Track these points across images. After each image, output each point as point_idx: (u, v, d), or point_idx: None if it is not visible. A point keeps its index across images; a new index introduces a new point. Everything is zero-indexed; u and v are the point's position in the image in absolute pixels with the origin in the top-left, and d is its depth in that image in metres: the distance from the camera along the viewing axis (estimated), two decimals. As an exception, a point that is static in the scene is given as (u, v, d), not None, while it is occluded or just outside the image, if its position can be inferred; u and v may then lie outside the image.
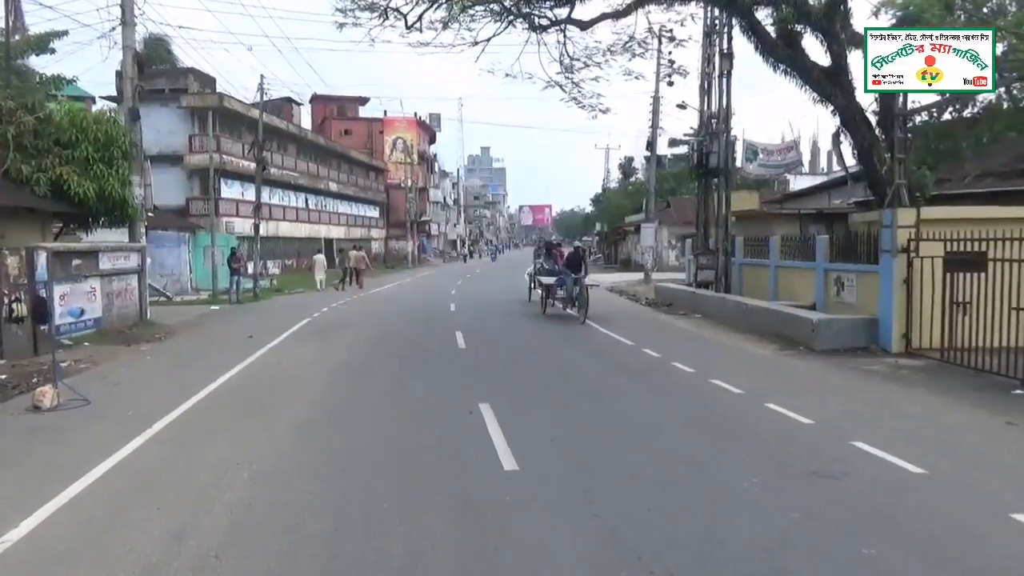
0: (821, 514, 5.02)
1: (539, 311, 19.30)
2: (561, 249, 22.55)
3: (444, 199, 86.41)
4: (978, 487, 5.58)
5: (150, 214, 29.83)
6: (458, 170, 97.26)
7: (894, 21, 15.28)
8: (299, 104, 51.33)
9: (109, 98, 35.12)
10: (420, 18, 15.89)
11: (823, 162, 59.67)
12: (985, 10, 20.48)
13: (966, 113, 25.07)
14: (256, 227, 29.47)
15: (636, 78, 19.87)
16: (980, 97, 24.71)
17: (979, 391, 9.15)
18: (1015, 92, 23.66)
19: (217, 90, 38.55)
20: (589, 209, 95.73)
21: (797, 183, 41.66)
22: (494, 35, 16.64)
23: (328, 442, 6.99)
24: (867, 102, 14.26)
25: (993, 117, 24.03)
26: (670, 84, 26.23)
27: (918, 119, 21.86)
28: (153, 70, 38.31)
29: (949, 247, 11.28)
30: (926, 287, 11.76)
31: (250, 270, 28.58)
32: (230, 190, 38.41)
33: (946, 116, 24.82)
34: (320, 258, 33.68)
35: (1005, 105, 24.14)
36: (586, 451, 6.60)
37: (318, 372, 10.92)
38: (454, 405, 8.48)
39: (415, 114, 69.61)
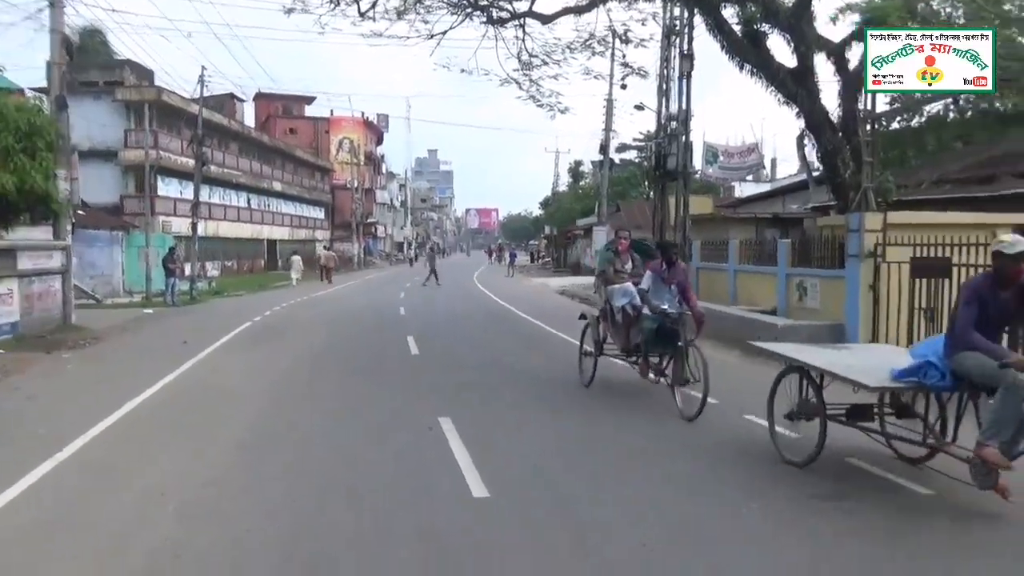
0: (835, 545, 4.48)
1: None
2: (670, 257, 8.80)
3: (391, 201, 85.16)
4: (994, 507, 5.11)
5: (81, 212, 28.33)
6: (405, 171, 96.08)
7: (855, 27, 15.10)
8: (242, 101, 49.70)
9: (39, 90, 33.24)
10: (374, 5, 15.08)
11: (768, 170, 60.60)
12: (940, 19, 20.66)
13: (914, 123, 25.55)
14: (194, 226, 28.11)
15: (595, 77, 19.47)
16: (928, 107, 25.26)
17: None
18: (961, 103, 24.11)
19: (155, 84, 36.87)
20: (537, 212, 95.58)
21: (743, 189, 42.05)
22: (451, 28, 15.96)
23: (269, 466, 6.16)
24: (831, 106, 14.07)
25: (940, 127, 24.46)
26: (623, 87, 25.99)
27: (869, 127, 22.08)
28: (87, 61, 36.49)
29: (916, 252, 11.10)
30: (892, 293, 11.54)
31: (188, 271, 27.26)
32: (168, 188, 36.74)
33: (894, 125, 25.23)
34: (297, 259, 37.01)
35: (951, 116, 24.59)
36: (563, 472, 5.95)
37: (259, 382, 10.02)
38: (411, 420, 7.74)
39: (362, 114, 68.33)
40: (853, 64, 13.43)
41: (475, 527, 4.75)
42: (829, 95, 14.18)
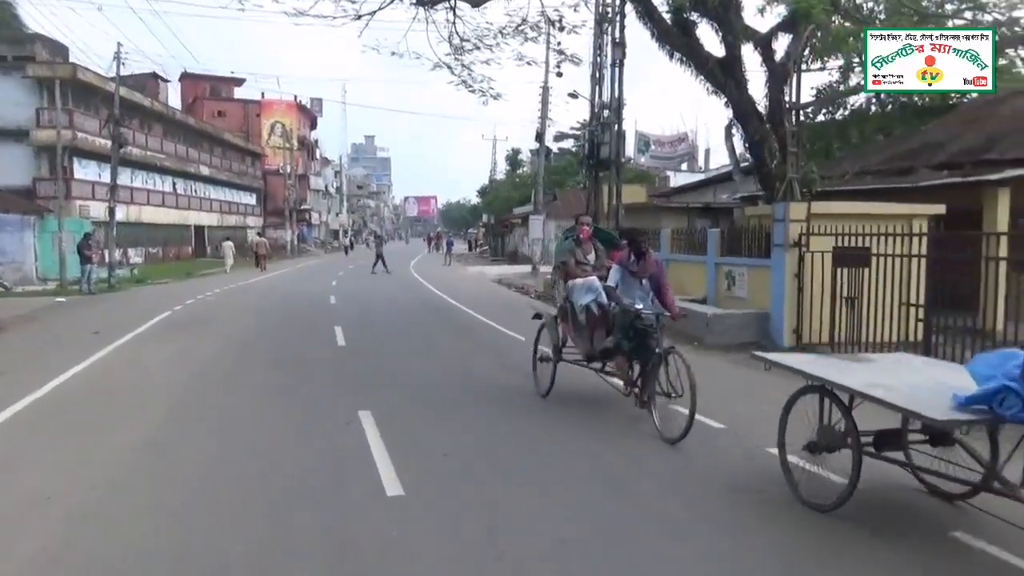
0: (753, 540, 4.43)
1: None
2: (639, 247, 7.49)
3: (326, 187, 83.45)
4: (906, 501, 5.17)
5: (-13, 194, 26.76)
6: (340, 157, 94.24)
7: (781, 18, 15.33)
8: (166, 81, 47.78)
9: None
10: (296, -19, 14.54)
11: (701, 160, 61.75)
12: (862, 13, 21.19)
13: (838, 116, 26.30)
14: (111, 210, 26.81)
15: (528, 64, 19.28)
16: (852, 100, 26.01)
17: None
18: (882, 97, 24.90)
19: (70, 60, 35.02)
20: (475, 200, 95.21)
21: (677, 179, 42.65)
22: (379, 8, 15.50)
23: (173, 467, 5.80)
24: (758, 96, 14.24)
25: (863, 120, 25.22)
26: (559, 75, 25.92)
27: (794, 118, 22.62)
28: (-7, 34, 34.48)
29: (837, 242, 11.34)
30: (816, 282, 11.77)
31: (107, 258, 26.09)
32: (86, 171, 35.04)
33: (820, 118, 25.91)
34: (229, 244, 36.62)
35: (873, 109, 25.40)
36: (484, 467, 5.78)
37: (173, 376, 9.54)
38: (329, 413, 7.45)
39: (295, 98, 66.57)
40: (779, 55, 13.61)
41: (386, 527, 4.53)
42: (757, 85, 14.39)
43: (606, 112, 19.13)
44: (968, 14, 21.62)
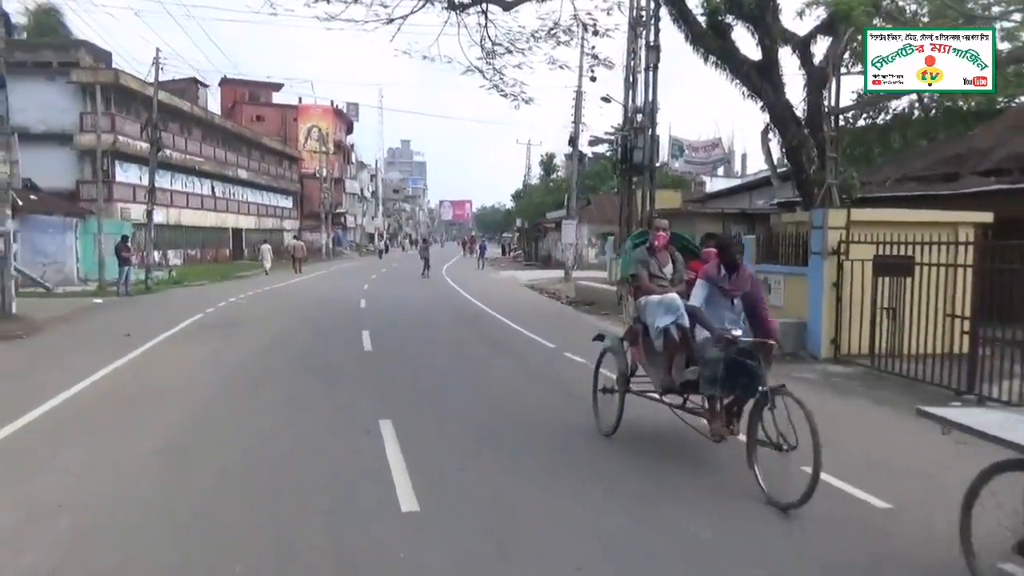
0: (787, 569, 4.18)
1: None
2: (732, 258, 5.93)
3: (362, 191, 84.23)
4: (952, 527, 4.83)
5: (32, 197, 27.35)
6: (376, 162, 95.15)
7: (819, 21, 14.93)
8: (205, 86, 48.59)
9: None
10: (325, -18, 14.54)
11: (737, 165, 60.93)
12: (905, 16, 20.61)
13: (880, 120, 25.62)
14: (149, 213, 27.21)
15: (561, 67, 19.10)
16: (893, 105, 25.33)
17: (918, 404, 8.64)
18: (926, 101, 24.22)
19: (113, 66, 35.78)
20: (510, 205, 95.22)
21: (713, 184, 42.09)
22: (411, 12, 15.48)
23: (189, 475, 5.71)
24: (796, 100, 13.88)
25: (905, 125, 24.54)
26: (593, 79, 25.56)
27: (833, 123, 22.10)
28: (42, 41, 35.33)
29: (878, 250, 10.96)
30: (855, 291, 11.40)
31: (145, 259, 26.52)
32: (126, 174, 35.75)
33: (860, 123, 25.27)
34: (268, 248, 37.25)
35: (916, 114, 24.69)
36: (503, 482, 5.57)
37: (199, 381, 9.50)
38: (349, 421, 7.32)
39: (332, 103, 67.40)
40: (818, 58, 13.24)
41: (397, 546, 4.35)
42: (794, 89, 14.03)
43: (640, 116, 18.84)
44: (1017, 15, 20.92)
